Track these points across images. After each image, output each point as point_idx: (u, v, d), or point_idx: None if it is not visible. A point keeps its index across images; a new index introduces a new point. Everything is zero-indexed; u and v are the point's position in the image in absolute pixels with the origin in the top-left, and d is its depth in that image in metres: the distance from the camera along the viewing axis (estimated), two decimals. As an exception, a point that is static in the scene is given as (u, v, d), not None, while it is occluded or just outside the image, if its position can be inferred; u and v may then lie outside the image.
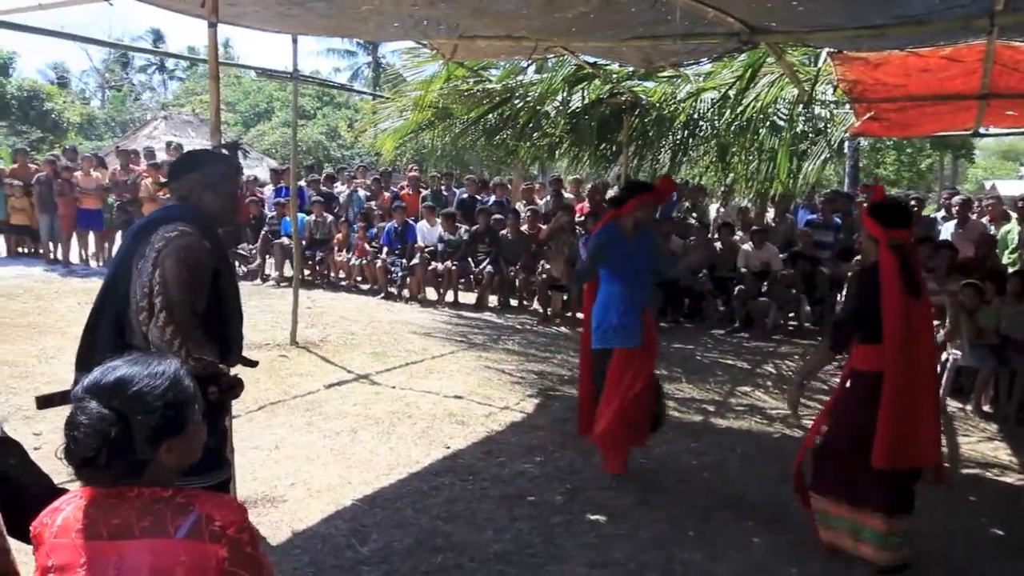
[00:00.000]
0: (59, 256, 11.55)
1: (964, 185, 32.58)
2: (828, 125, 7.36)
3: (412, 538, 3.50)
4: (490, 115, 8.28)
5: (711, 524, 3.78)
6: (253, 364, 2.75)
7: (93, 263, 11.57)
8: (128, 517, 1.33)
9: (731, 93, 6.91)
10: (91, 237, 11.74)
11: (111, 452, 1.33)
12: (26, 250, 12.14)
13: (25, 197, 11.59)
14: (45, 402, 2.55)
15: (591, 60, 6.99)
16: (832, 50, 5.43)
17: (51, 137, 27.61)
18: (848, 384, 3.43)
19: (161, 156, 13.34)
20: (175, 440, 1.41)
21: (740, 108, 6.98)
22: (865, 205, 3.43)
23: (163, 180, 2.65)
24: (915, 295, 3.16)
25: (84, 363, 2.46)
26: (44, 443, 4.38)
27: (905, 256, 3.18)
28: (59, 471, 3.91)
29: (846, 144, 12.75)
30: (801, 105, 6.92)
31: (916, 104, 6.46)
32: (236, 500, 1.44)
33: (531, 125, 8.29)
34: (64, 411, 1.42)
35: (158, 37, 42.60)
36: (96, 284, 2.51)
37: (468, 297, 10.13)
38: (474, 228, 10.10)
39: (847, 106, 7.00)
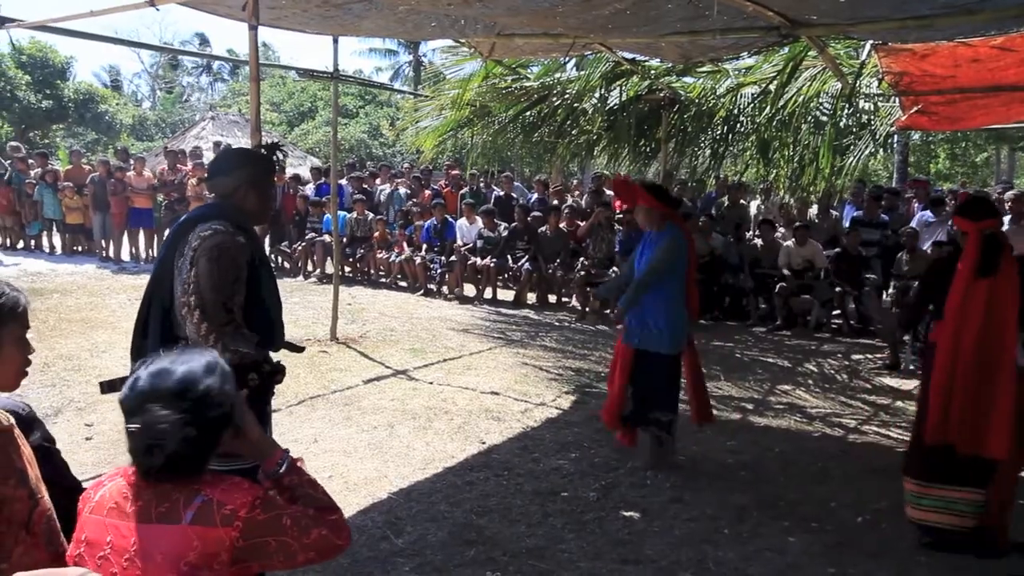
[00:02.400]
0: (111, 254, 11.95)
1: (1023, 179, 31.34)
2: (873, 119, 7.18)
3: (446, 531, 3.54)
4: (528, 112, 8.29)
5: (747, 523, 3.74)
6: (299, 349, 2.83)
7: (143, 261, 11.94)
8: (148, 502, 1.39)
9: (772, 87, 6.79)
10: (141, 235, 12.11)
11: (188, 452, 1.39)
12: (80, 248, 12.57)
13: (78, 197, 12.01)
14: (108, 387, 2.67)
15: (629, 56, 6.94)
16: (876, 42, 5.30)
17: (105, 139, 28.51)
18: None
19: (208, 156, 13.68)
20: (233, 428, 1.50)
21: (781, 103, 6.86)
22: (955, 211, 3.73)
23: (204, 177, 2.74)
24: (987, 274, 3.31)
25: (139, 355, 2.57)
26: (95, 433, 4.56)
27: (995, 242, 3.36)
28: (108, 461, 4.04)
29: (894, 138, 12.42)
30: (845, 99, 6.76)
31: (966, 96, 6.25)
32: (246, 481, 1.48)
33: (569, 122, 8.27)
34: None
35: (204, 41, 43.64)
36: (146, 281, 2.63)
37: (506, 294, 10.17)
38: (513, 225, 10.13)
39: (893, 99, 6.83)
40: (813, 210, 9.99)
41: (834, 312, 8.70)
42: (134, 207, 11.74)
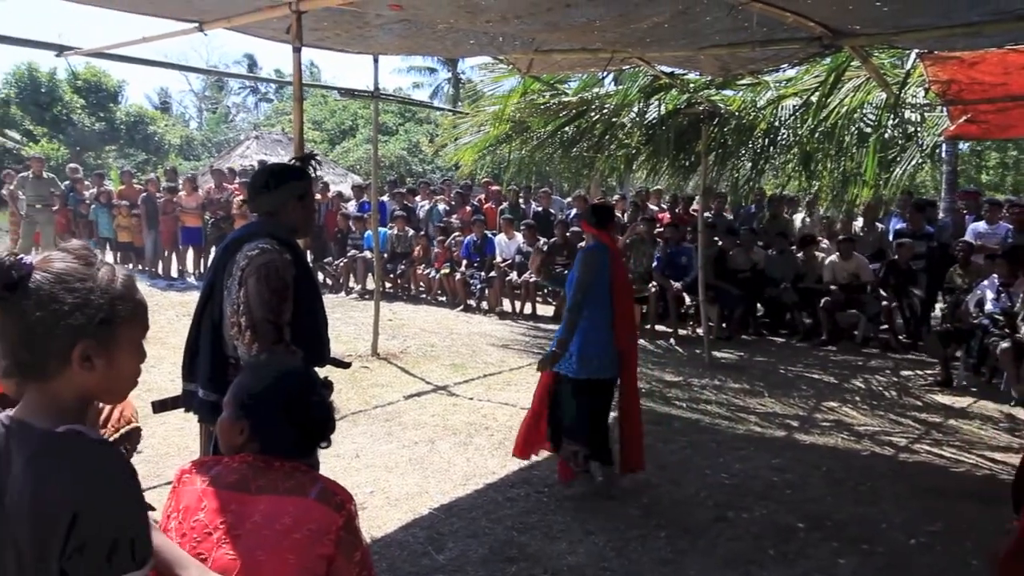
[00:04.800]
0: (160, 271, 12.29)
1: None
2: (919, 129, 7.02)
3: (487, 548, 3.53)
4: (567, 128, 8.31)
5: (792, 544, 3.65)
6: (346, 365, 2.86)
7: (191, 279, 12.24)
8: (274, 479, 1.62)
9: (814, 99, 6.70)
10: (190, 252, 12.43)
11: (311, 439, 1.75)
12: (130, 266, 12.94)
13: (130, 216, 12.38)
14: (160, 406, 2.74)
15: (667, 70, 6.92)
16: (922, 50, 5.20)
17: (154, 159, 29.41)
18: None
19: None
20: None
21: (824, 114, 6.75)
22: None
23: (245, 199, 2.76)
24: None
25: (189, 373, 2.63)
26: (145, 447, 4.67)
27: None
28: (157, 474, 4.11)
29: (942, 149, 12.11)
30: (890, 109, 6.63)
31: (1019, 104, 6.09)
32: None
33: (607, 137, 8.27)
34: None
35: (252, 62, 44.86)
36: (193, 297, 2.68)
37: (546, 309, 10.15)
38: (552, 240, 10.13)
39: (940, 109, 6.67)
40: (858, 223, 9.78)
41: (882, 326, 8.49)
42: (184, 226, 12.07)
